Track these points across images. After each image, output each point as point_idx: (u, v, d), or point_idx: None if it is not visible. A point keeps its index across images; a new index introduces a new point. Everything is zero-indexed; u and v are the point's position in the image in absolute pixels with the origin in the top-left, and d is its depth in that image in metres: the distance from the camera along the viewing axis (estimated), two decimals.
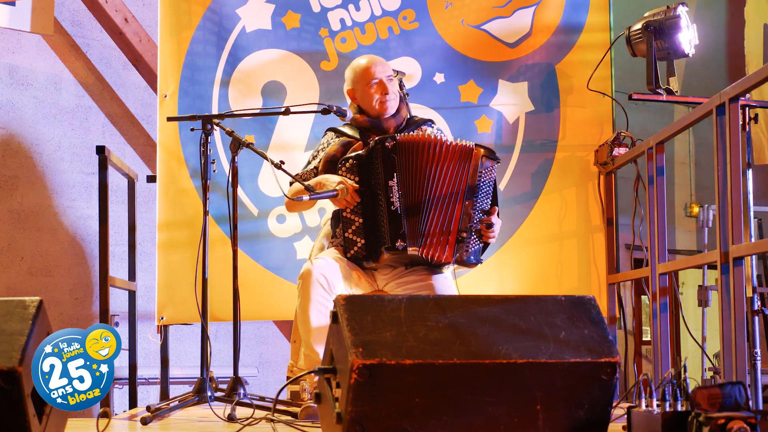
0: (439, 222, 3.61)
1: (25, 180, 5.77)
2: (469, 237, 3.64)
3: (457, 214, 3.62)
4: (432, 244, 3.61)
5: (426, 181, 3.61)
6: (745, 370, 3.37)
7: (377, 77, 3.85)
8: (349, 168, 3.65)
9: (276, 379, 6.37)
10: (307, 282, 3.56)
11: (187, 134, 4.68)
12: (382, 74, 3.86)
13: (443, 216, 3.61)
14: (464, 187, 3.63)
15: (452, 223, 3.62)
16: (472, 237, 3.65)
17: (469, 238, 3.64)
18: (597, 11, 4.91)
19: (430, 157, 3.61)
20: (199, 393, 3.59)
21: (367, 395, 2.45)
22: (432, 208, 3.61)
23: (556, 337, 2.58)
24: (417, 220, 3.60)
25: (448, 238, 3.62)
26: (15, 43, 5.75)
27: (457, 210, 3.62)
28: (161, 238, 4.71)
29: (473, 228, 3.64)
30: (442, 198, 3.61)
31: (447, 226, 3.62)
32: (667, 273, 4.12)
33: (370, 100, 3.85)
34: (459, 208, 3.62)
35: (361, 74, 3.87)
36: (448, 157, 3.62)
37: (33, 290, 5.63)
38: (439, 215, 3.61)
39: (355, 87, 3.89)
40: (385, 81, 3.85)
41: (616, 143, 4.64)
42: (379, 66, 3.89)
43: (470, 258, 3.67)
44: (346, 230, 3.66)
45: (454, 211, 3.62)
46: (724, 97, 3.49)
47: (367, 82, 3.85)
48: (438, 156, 3.61)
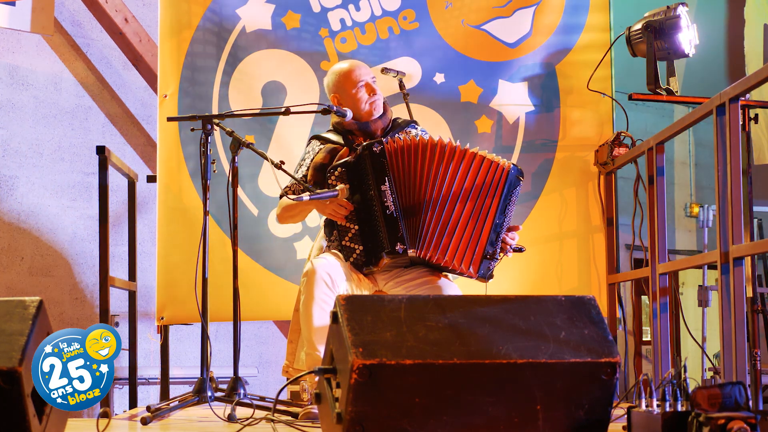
0: (439, 223, 3.60)
1: (25, 180, 5.77)
2: (494, 251, 3.64)
3: (465, 215, 3.61)
4: (431, 244, 3.60)
5: (419, 183, 3.59)
6: (745, 370, 3.37)
7: (363, 79, 3.83)
8: (338, 176, 3.62)
9: (276, 379, 6.37)
10: (311, 279, 3.55)
11: (187, 134, 4.68)
12: (367, 76, 3.85)
13: (442, 216, 3.60)
14: (467, 187, 3.62)
15: (457, 225, 3.61)
16: (496, 252, 3.65)
17: (493, 253, 3.64)
18: (597, 11, 4.91)
19: (419, 158, 3.60)
20: (199, 393, 3.59)
21: (367, 395, 2.45)
22: (428, 209, 3.60)
23: (556, 337, 2.58)
24: (414, 222, 3.59)
25: (459, 242, 3.62)
26: (15, 43, 5.75)
27: (463, 211, 3.61)
28: (161, 238, 4.71)
29: (498, 244, 3.64)
30: (438, 198, 3.60)
31: (449, 227, 3.61)
32: (667, 273, 4.12)
33: (359, 103, 3.82)
34: (459, 208, 3.61)
35: (346, 79, 3.84)
36: (438, 156, 3.60)
37: (33, 290, 5.63)
38: (438, 216, 3.60)
39: (340, 93, 3.84)
40: (370, 82, 3.84)
41: (616, 143, 4.64)
42: (363, 68, 3.88)
43: (484, 270, 3.66)
44: (343, 238, 3.65)
45: (453, 211, 3.61)
46: (724, 97, 3.49)
47: (354, 86, 3.82)
48: (429, 156, 3.60)
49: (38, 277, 5.73)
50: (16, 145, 5.74)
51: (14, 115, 5.74)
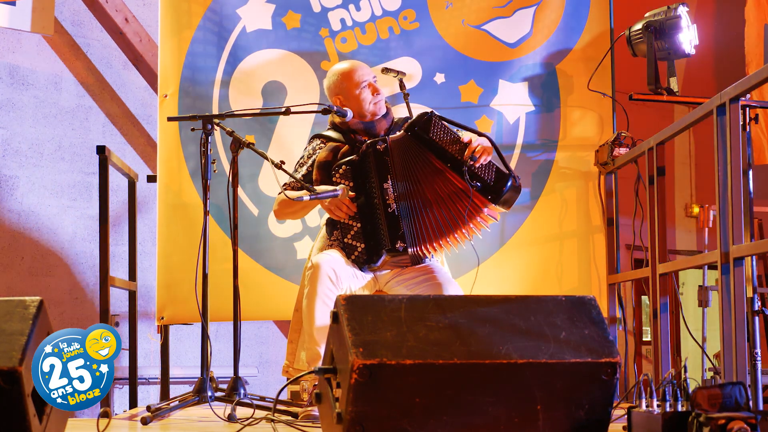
0: (438, 217, 3.62)
1: (25, 180, 5.77)
2: (479, 179, 3.57)
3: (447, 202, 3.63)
4: (432, 239, 3.62)
5: (419, 180, 3.63)
6: (746, 370, 3.37)
7: (365, 79, 3.84)
8: (343, 174, 3.65)
9: (276, 379, 6.37)
10: (316, 274, 3.56)
11: (187, 134, 4.68)
12: (369, 76, 3.86)
13: (443, 211, 3.62)
14: (441, 157, 3.62)
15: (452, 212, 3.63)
16: (480, 176, 3.58)
17: (480, 180, 3.57)
18: (597, 11, 4.91)
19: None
20: (199, 393, 3.59)
21: (367, 395, 2.45)
22: (429, 206, 3.62)
23: (557, 337, 2.58)
24: (414, 220, 3.61)
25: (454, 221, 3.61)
26: (15, 42, 5.75)
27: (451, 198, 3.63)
28: (161, 238, 4.71)
29: (468, 170, 3.56)
30: (437, 195, 3.63)
31: (443, 224, 3.63)
32: (667, 273, 4.12)
33: (364, 103, 3.83)
34: (452, 206, 3.63)
35: (349, 80, 3.84)
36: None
37: (33, 290, 5.63)
38: (438, 211, 3.62)
39: (343, 95, 3.84)
40: (373, 82, 3.85)
41: (616, 143, 4.64)
42: (364, 68, 3.89)
43: (501, 188, 3.60)
44: (345, 236, 3.67)
45: (449, 209, 3.63)
46: (724, 97, 3.49)
47: (357, 87, 3.83)
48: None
49: (38, 277, 5.73)
50: (16, 145, 5.74)
51: (14, 115, 5.74)
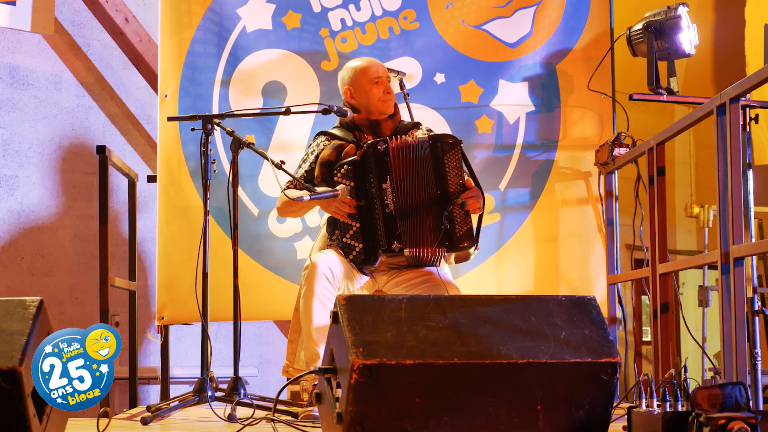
0: (430, 221, 3.63)
1: (25, 180, 5.77)
2: (452, 224, 3.61)
3: (438, 210, 3.64)
4: (426, 243, 3.63)
5: (416, 182, 3.64)
6: (746, 370, 3.37)
7: (379, 75, 3.87)
8: (345, 174, 3.66)
9: (276, 379, 6.36)
10: (312, 274, 3.57)
11: (187, 134, 4.68)
12: (383, 74, 3.89)
13: (433, 215, 3.64)
14: (438, 179, 3.65)
15: (437, 220, 3.64)
16: (454, 222, 3.61)
17: (451, 225, 3.61)
18: (597, 11, 4.91)
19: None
20: (199, 393, 3.59)
21: (367, 395, 2.45)
22: (424, 208, 3.63)
23: (557, 337, 2.58)
24: (411, 221, 3.62)
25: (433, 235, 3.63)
26: (15, 42, 5.74)
27: (437, 206, 3.64)
28: (161, 238, 4.71)
29: (451, 211, 3.62)
30: (430, 198, 3.64)
31: (435, 224, 3.64)
32: (667, 273, 4.12)
33: (373, 98, 3.85)
34: (438, 204, 3.64)
35: (363, 73, 3.88)
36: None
37: (33, 290, 5.63)
38: (431, 214, 3.63)
39: (355, 86, 3.88)
40: (386, 81, 3.88)
41: (616, 143, 4.64)
42: (380, 67, 3.93)
43: (460, 244, 3.64)
44: (344, 235, 3.68)
45: (435, 208, 3.65)
46: (724, 97, 3.49)
47: (370, 80, 3.86)
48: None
49: (38, 277, 5.73)
50: (16, 145, 5.73)
51: (14, 115, 5.74)
